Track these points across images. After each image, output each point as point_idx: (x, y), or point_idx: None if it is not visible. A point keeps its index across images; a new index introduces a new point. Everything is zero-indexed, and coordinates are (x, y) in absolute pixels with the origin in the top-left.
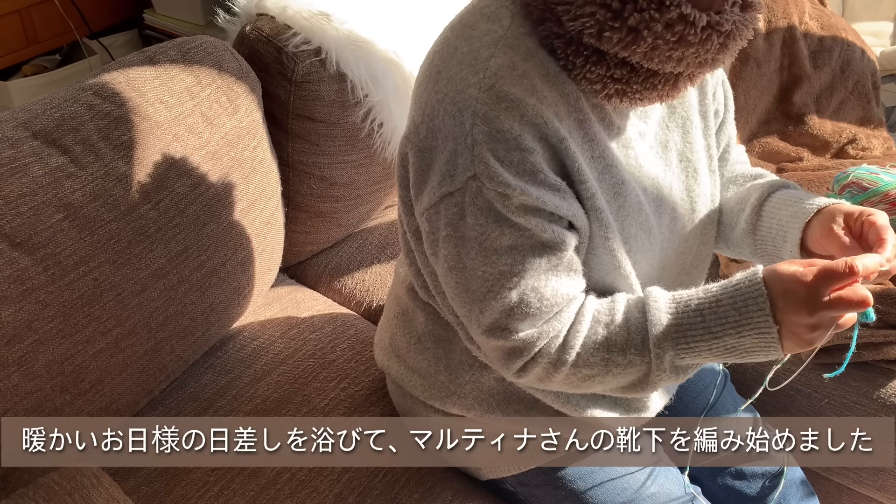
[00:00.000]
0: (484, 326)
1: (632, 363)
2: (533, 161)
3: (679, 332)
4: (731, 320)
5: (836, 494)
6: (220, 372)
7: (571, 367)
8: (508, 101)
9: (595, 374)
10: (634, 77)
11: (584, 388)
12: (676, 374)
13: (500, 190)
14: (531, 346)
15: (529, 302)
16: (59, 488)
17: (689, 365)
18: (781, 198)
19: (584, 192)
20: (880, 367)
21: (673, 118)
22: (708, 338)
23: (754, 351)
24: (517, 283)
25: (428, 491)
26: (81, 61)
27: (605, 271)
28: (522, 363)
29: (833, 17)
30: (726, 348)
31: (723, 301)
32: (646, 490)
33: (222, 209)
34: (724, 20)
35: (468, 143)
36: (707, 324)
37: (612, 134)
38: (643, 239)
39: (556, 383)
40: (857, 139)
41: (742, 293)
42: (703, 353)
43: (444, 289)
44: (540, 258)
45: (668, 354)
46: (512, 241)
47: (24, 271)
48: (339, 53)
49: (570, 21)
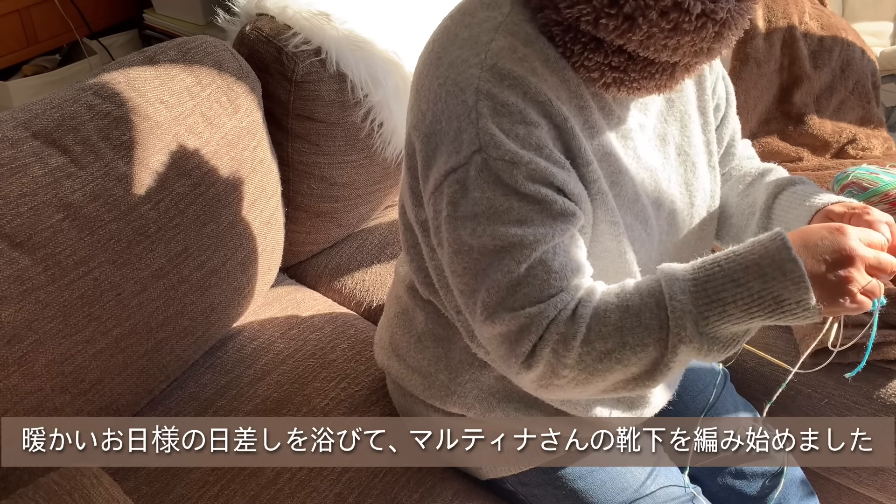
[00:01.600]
0: (490, 309)
1: (649, 329)
2: (539, 135)
3: (697, 285)
4: (752, 263)
5: (836, 494)
6: (220, 372)
7: (583, 343)
8: (511, 78)
9: (610, 350)
10: (632, 66)
11: (599, 377)
12: (702, 343)
13: (507, 158)
14: (539, 320)
15: (537, 274)
16: (59, 488)
17: (714, 332)
18: (788, 199)
19: (589, 175)
20: (880, 367)
21: (671, 112)
22: (731, 286)
23: (785, 301)
24: (526, 255)
25: (428, 491)
26: (81, 61)
27: (610, 258)
28: (531, 345)
29: (833, 17)
30: (752, 298)
31: (740, 251)
32: (646, 490)
33: (222, 209)
34: (719, 8)
35: (472, 118)
36: (726, 271)
37: (612, 123)
38: (640, 229)
39: (567, 371)
40: (857, 139)
41: (760, 240)
42: (728, 308)
43: (450, 279)
44: (550, 229)
45: (688, 314)
46: (520, 214)
47: (24, 271)
48: (339, 53)
49: (567, 8)
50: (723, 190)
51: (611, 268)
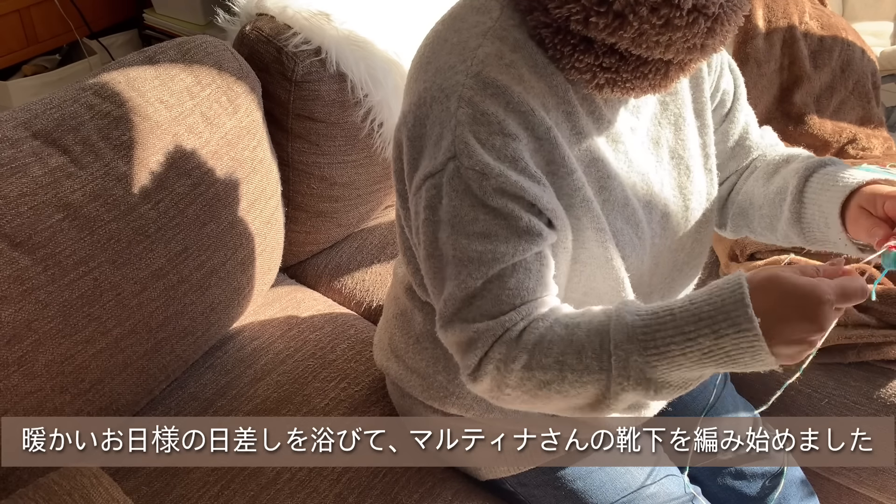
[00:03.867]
0: (446, 318)
1: (588, 369)
2: (515, 147)
3: (647, 332)
4: (705, 316)
5: (836, 494)
6: (220, 372)
7: (523, 368)
8: (495, 87)
9: (549, 381)
10: (624, 65)
11: (542, 401)
12: (648, 387)
13: (477, 168)
14: (486, 337)
15: (492, 289)
16: (59, 488)
17: (664, 378)
18: (819, 181)
19: (572, 184)
20: (880, 367)
21: (665, 115)
22: (680, 339)
23: (738, 356)
24: (483, 272)
25: (428, 491)
26: (81, 61)
27: (597, 265)
28: (477, 359)
29: (833, 17)
30: (703, 352)
31: (697, 299)
32: (646, 490)
33: (222, 209)
34: (711, 3)
35: (451, 125)
36: (678, 322)
37: (601, 127)
38: (630, 234)
39: (511, 390)
40: (857, 139)
41: (719, 289)
42: (677, 360)
43: (425, 280)
44: (512, 247)
45: (633, 359)
46: (484, 228)
47: (24, 271)
48: (339, 53)
49: (557, 8)
50: (748, 182)
51: (598, 274)
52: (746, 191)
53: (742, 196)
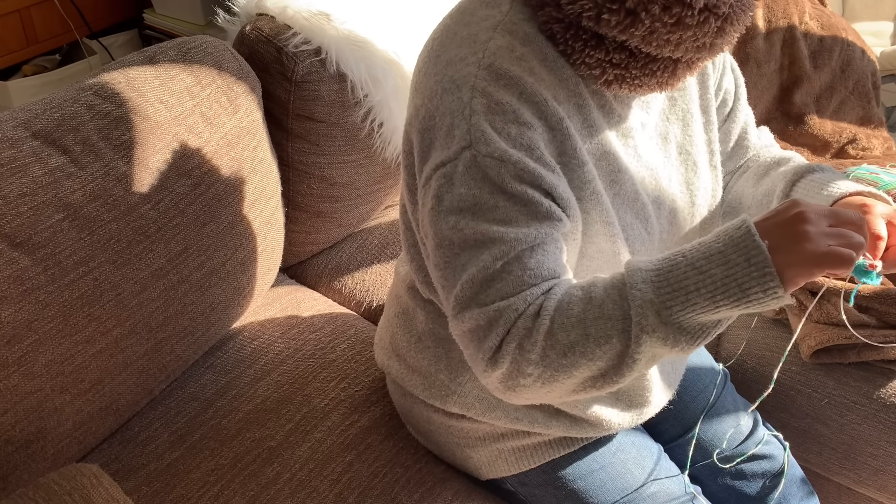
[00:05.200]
0: (462, 304)
1: (611, 319)
2: (531, 136)
3: (660, 273)
4: (715, 251)
5: (836, 494)
6: (220, 372)
7: (546, 335)
8: (507, 78)
9: (573, 343)
10: (633, 62)
11: (565, 372)
12: (667, 334)
13: (496, 156)
14: (508, 313)
15: (512, 270)
16: (58, 488)
17: (680, 320)
18: (806, 186)
19: (583, 176)
20: (880, 367)
21: (673, 111)
22: (693, 274)
23: (749, 286)
24: (504, 252)
25: (428, 491)
26: (81, 61)
27: (605, 259)
28: (498, 339)
29: (833, 17)
30: (716, 285)
31: (706, 240)
32: (646, 490)
33: (222, 209)
34: (722, 3)
35: (465, 115)
36: (689, 259)
37: (611, 122)
38: (640, 228)
39: (532, 369)
40: (857, 139)
41: (726, 228)
42: (691, 297)
43: (432, 274)
44: (533, 231)
45: (649, 303)
46: (504, 214)
47: (24, 271)
48: (339, 53)
49: (569, 4)
50: (739, 182)
51: (605, 268)
52: (737, 190)
53: (732, 195)
